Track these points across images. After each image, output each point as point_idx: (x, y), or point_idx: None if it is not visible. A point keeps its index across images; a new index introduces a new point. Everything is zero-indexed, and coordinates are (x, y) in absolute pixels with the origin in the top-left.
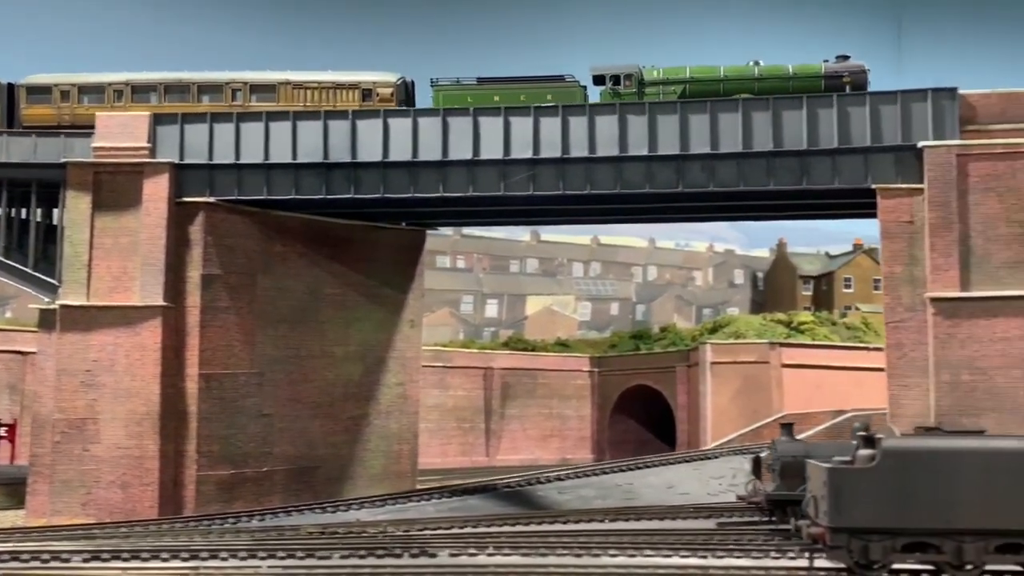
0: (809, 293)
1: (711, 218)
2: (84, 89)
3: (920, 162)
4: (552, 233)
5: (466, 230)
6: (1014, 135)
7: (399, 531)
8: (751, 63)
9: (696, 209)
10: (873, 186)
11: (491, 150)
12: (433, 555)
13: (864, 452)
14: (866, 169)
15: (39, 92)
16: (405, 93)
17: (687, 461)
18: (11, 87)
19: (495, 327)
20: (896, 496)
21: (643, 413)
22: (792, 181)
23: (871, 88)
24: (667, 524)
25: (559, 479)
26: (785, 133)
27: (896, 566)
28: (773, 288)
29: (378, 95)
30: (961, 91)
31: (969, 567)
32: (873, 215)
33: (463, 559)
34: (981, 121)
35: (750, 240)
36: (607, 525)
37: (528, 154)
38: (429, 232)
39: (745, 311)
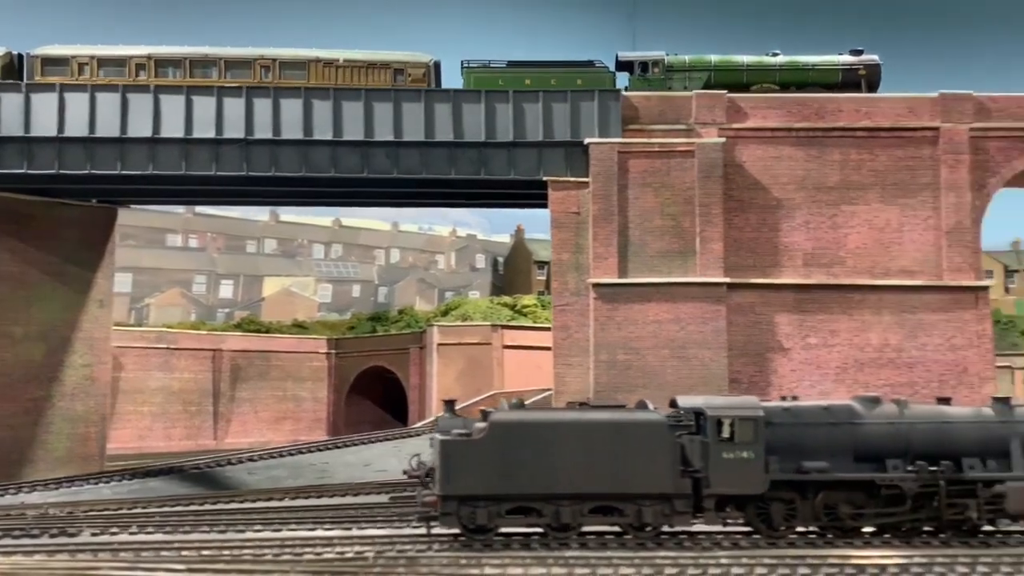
0: (543, 278)
1: (396, 204)
2: (103, 62)
3: (587, 157)
4: (292, 213)
5: (199, 208)
6: (670, 135)
7: (62, 513)
8: (771, 54)
9: (382, 195)
10: (545, 178)
11: (172, 128)
12: (74, 534)
13: (479, 425)
14: (539, 162)
15: (55, 64)
16: (436, 74)
17: (388, 439)
18: (20, 57)
19: (230, 308)
20: (502, 465)
21: (380, 394)
22: (472, 171)
23: None
24: (347, 500)
25: (251, 460)
26: (466, 125)
27: (505, 529)
28: (512, 273)
29: (410, 75)
30: (626, 93)
31: (569, 529)
32: (547, 205)
33: (104, 537)
34: (642, 121)
35: (492, 226)
36: (284, 504)
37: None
38: (157, 209)
39: (486, 295)
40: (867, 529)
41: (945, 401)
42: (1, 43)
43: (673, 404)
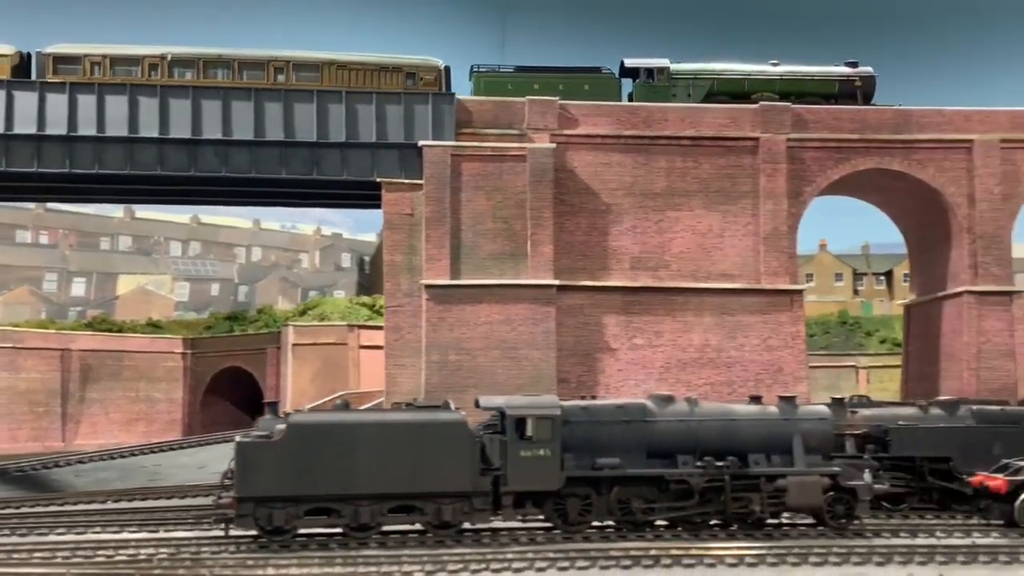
0: None
1: (226, 202)
2: (117, 61)
3: (421, 160)
4: (149, 210)
5: (51, 204)
6: (504, 139)
7: None
8: (771, 64)
9: (210, 193)
10: (378, 179)
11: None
12: None
13: (279, 427)
14: (373, 163)
15: (67, 62)
16: (447, 78)
17: (227, 441)
18: (27, 56)
19: (82, 307)
20: (300, 467)
21: (238, 395)
22: (304, 171)
23: None
24: (173, 503)
25: (80, 462)
26: (297, 125)
27: (304, 531)
28: (377, 272)
29: (422, 79)
30: (460, 97)
31: (369, 529)
32: (380, 206)
33: None
34: (476, 125)
35: (359, 224)
36: (106, 506)
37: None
38: (6, 205)
39: (352, 294)
40: (659, 522)
41: (757, 399)
42: None
43: (477, 404)
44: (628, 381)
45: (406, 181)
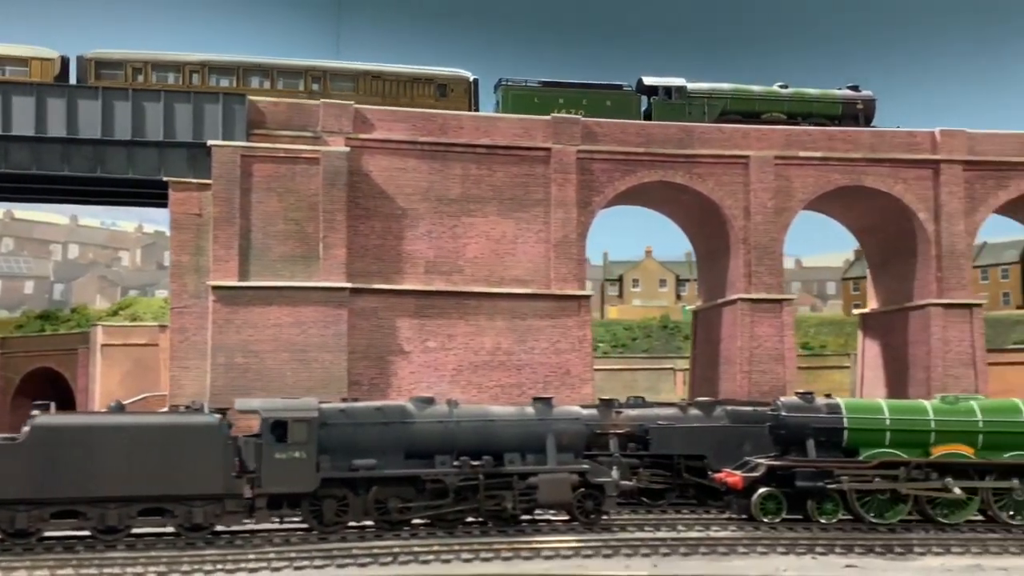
0: None
1: (3, 198)
2: (158, 66)
3: (211, 159)
4: None
5: None
6: (297, 141)
7: None
8: (778, 86)
9: None
10: (165, 179)
11: None
12: None
13: (24, 429)
14: (160, 162)
15: (109, 67)
16: (476, 90)
17: None
18: (65, 60)
19: None
20: (45, 469)
21: (49, 397)
22: (87, 168)
23: None
24: None
25: None
26: (81, 122)
27: (50, 533)
28: None
29: (452, 90)
30: (252, 98)
31: (117, 531)
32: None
33: None
34: (269, 126)
35: None
36: None
37: None
38: None
39: None
40: (417, 521)
41: (545, 401)
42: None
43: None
44: (421, 383)
45: (194, 181)
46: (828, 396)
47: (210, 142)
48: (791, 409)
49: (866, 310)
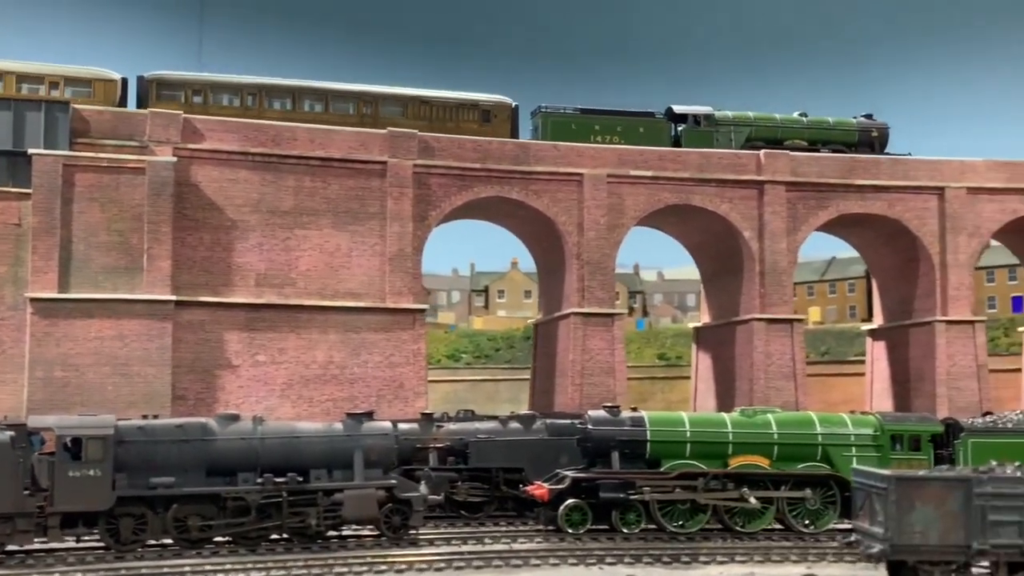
0: None
1: None
2: (216, 88)
3: (31, 168)
4: None
5: None
6: (123, 151)
7: None
8: (798, 114)
9: None
10: None
11: None
12: None
13: None
14: None
15: (170, 88)
16: (516, 115)
17: None
18: (125, 81)
19: None
20: None
21: None
22: None
23: None
24: None
25: None
26: None
27: None
28: None
29: (496, 116)
30: (76, 106)
31: None
32: None
33: None
34: (93, 135)
35: None
36: None
37: None
38: None
39: None
40: (219, 539)
41: (368, 415)
42: None
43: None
44: (249, 398)
45: (13, 190)
46: (634, 409)
47: (31, 150)
48: (597, 423)
49: (699, 324)
